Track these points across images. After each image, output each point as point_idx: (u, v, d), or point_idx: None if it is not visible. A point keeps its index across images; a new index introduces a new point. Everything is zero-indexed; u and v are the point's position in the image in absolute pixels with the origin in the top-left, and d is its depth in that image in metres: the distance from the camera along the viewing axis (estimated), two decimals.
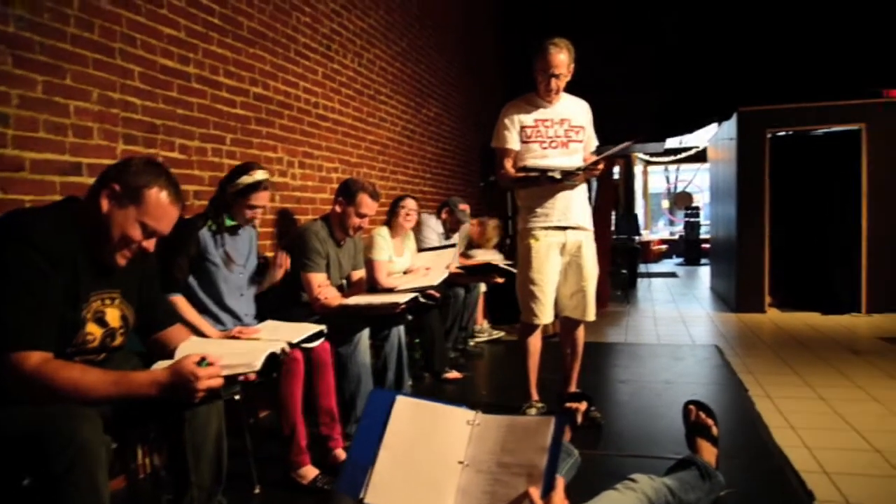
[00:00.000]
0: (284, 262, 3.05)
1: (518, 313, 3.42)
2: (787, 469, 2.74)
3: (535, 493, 1.33)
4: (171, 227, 1.81)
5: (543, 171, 3.17)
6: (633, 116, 9.40)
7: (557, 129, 3.30)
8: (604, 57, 8.81)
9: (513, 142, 3.31)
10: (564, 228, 3.29)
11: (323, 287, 3.21)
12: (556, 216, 3.28)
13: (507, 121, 3.32)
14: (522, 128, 3.30)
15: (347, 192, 3.33)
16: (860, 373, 4.34)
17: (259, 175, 2.77)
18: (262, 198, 2.79)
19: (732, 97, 7.98)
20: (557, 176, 3.14)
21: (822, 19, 8.39)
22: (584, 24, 8.86)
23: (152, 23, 2.87)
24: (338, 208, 3.35)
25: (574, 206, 3.30)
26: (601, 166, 3.21)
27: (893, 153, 6.80)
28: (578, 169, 3.17)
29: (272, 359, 1.92)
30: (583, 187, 3.38)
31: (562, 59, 3.18)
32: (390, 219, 4.36)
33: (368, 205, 3.34)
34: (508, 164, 3.33)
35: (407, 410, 1.55)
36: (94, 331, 1.76)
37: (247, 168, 2.80)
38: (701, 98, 9.36)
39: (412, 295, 3.37)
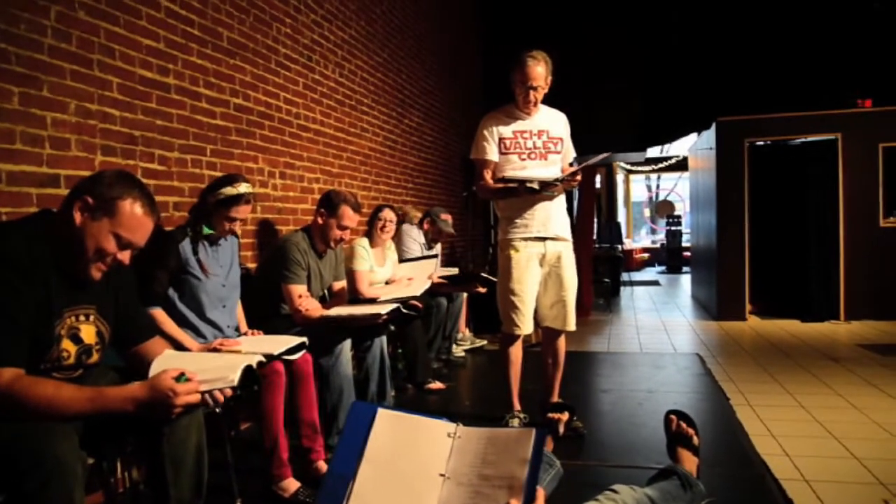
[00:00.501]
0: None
1: (500, 323, 3.43)
2: (768, 477, 2.76)
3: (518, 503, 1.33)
4: (146, 239, 1.79)
5: (522, 182, 3.18)
6: (614, 126, 9.50)
7: (536, 141, 3.31)
8: (585, 67, 8.90)
9: (491, 153, 3.31)
10: (544, 239, 3.30)
11: (304, 298, 3.19)
12: (535, 227, 3.29)
13: (485, 132, 3.33)
14: (501, 139, 3.31)
15: (329, 203, 3.33)
16: (839, 380, 4.39)
17: (243, 188, 2.74)
18: (242, 211, 2.76)
19: (711, 107, 8.08)
20: (536, 187, 3.15)
21: (799, 31, 8.53)
22: (566, 35, 8.95)
23: (131, 34, 2.86)
24: (319, 220, 3.34)
25: (553, 217, 3.32)
26: (579, 177, 3.24)
27: (868, 162, 6.91)
28: (556, 180, 3.18)
29: (250, 372, 1.90)
30: (562, 198, 3.39)
31: (539, 71, 3.20)
32: (370, 229, 4.36)
33: (350, 217, 3.33)
34: (487, 175, 3.34)
35: (388, 423, 1.54)
36: (68, 347, 1.73)
37: (231, 179, 2.76)
38: (681, 108, 9.47)
39: (394, 305, 3.36)
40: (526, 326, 3.33)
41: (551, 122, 3.37)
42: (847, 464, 2.92)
